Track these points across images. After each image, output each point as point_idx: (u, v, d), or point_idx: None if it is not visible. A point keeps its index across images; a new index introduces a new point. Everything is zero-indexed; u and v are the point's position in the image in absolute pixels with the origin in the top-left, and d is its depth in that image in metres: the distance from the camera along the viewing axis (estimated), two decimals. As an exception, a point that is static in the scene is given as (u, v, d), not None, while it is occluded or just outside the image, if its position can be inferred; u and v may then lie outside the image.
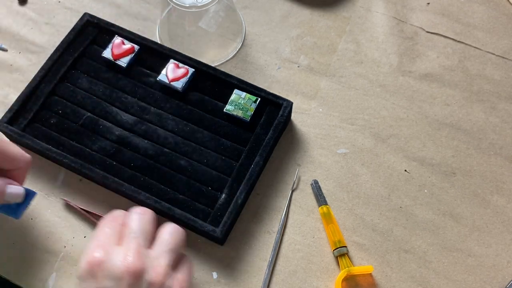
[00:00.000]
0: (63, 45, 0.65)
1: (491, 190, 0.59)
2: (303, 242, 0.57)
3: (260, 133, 0.60)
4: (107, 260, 0.43)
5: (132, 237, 0.44)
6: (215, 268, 0.55)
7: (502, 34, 0.69)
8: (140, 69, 0.64)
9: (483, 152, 0.61)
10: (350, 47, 0.68)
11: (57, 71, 0.64)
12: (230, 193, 0.56)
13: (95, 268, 0.43)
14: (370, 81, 0.66)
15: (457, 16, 0.70)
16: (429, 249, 0.56)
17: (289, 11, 0.71)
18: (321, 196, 0.58)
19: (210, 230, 0.54)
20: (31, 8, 0.72)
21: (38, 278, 0.55)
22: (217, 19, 0.68)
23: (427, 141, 0.62)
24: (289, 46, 0.68)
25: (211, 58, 0.67)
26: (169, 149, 0.59)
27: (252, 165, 0.58)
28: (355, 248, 0.56)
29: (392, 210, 0.58)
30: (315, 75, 0.66)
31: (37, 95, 0.62)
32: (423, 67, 0.67)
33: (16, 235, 0.57)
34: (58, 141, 0.60)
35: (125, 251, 0.43)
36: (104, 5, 0.72)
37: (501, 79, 0.66)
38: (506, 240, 0.56)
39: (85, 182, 0.59)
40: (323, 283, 0.54)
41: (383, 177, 0.60)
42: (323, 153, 0.61)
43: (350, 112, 0.64)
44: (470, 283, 0.54)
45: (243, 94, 0.61)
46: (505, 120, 0.63)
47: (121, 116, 0.61)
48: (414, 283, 0.54)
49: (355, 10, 0.71)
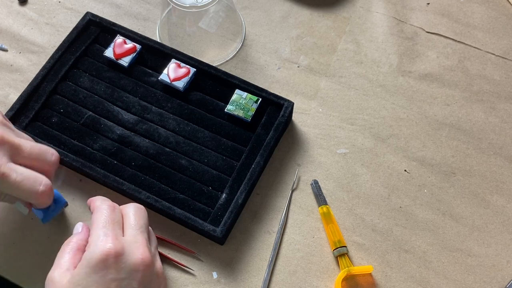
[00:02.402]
0: (64, 44, 0.65)
1: (491, 190, 0.59)
2: (303, 242, 0.57)
3: (261, 133, 0.60)
4: (124, 253, 0.44)
5: (141, 232, 0.47)
6: (215, 268, 0.55)
7: (502, 34, 0.69)
8: (141, 69, 0.64)
9: (483, 152, 0.61)
10: (350, 47, 0.68)
11: (58, 70, 0.64)
12: (230, 193, 0.57)
13: (111, 260, 0.43)
14: (370, 81, 0.66)
15: (457, 16, 0.70)
16: (429, 249, 0.56)
17: (289, 11, 0.71)
18: (321, 196, 0.58)
19: (210, 230, 0.54)
20: (32, 8, 0.72)
21: (38, 278, 0.55)
22: (217, 20, 0.68)
23: (427, 141, 0.62)
24: (289, 46, 0.68)
25: (211, 58, 0.67)
26: (170, 149, 0.60)
27: (252, 165, 0.58)
28: (355, 248, 0.56)
29: (392, 210, 0.58)
30: (315, 75, 0.66)
31: (38, 93, 0.62)
32: (423, 67, 0.67)
33: (16, 235, 0.57)
34: (59, 140, 0.60)
35: (138, 244, 0.46)
36: (104, 5, 0.72)
37: (501, 79, 0.66)
38: (506, 240, 0.56)
39: (85, 182, 0.60)
40: (323, 283, 0.54)
41: (383, 177, 0.60)
42: (323, 153, 0.61)
43: (350, 112, 0.64)
44: (470, 283, 0.54)
45: (244, 94, 0.61)
46: (505, 120, 0.63)
47: (123, 115, 0.61)
48: (414, 283, 0.54)
49: (355, 10, 0.71)
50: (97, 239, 0.45)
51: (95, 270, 0.43)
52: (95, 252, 0.44)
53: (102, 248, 0.43)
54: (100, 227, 0.46)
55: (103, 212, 0.47)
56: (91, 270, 0.43)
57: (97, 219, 0.47)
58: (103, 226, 0.46)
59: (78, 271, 0.44)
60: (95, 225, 0.46)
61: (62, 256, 0.46)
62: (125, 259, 0.44)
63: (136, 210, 0.49)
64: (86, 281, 0.43)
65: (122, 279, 0.44)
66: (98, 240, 0.44)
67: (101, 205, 0.48)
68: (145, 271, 0.45)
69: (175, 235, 0.57)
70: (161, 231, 0.57)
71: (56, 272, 0.45)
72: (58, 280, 0.44)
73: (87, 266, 0.43)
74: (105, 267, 0.43)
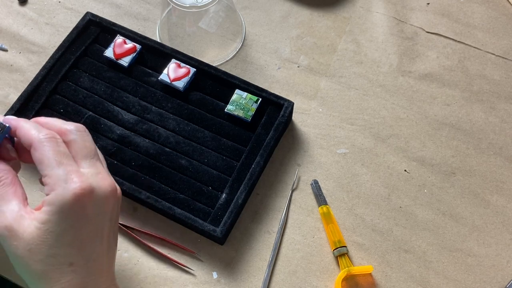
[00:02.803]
0: (65, 44, 0.65)
1: (491, 190, 0.59)
2: (303, 242, 0.57)
3: (261, 133, 0.60)
4: (93, 189, 0.41)
5: (96, 159, 0.44)
6: (215, 268, 0.55)
7: (502, 34, 0.69)
8: (141, 69, 0.64)
9: (483, 152, 0.61)
10: (350, 47, 0.68)
11: (58, 70, 0.64)
12: (230, 193, 0.57)
13: (85, 199, 0.40)
14: (370, 81, 0.66)
15: (457, 16, 0.70)
16: (429, 249, 0.56)
17: (289, 11, 0.71)
18: (321, 196, 0.58)
19: (210, 230, 0.54)
20: (31, 8, 0.72)
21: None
22: (217, 20, 0.68)
23: (427, 141, 0.62)
24: (289, 46, 0.68)
25: (211, 58, 0.67)
26: (170, 149, 0.60)
27: (252, 165, 0.58)
28: (355, 248, 0.56)
29: (392, 210, 0.58)
30: (315, 75, 0.66)
31: (38, 93, 0.62)
32: (423, 67, 0.67)
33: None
34: (59, 140, 0.60)
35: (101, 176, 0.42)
36: (104, 5, 0.72)
37: (501, 79, 0.66)
38: (506, 240, 0.56)
39: (85, 182, 0.60)
40: (323, 283, 0.54)
41: (383, 177, 0.60)
42: (323, 153, 0.61)
43: (350, 112, 0.64)
44: (470, 283, 0.54)
45: (244, 94, 0.61)
46: (504, 120, 0.63)
47: (123, 115, 0.61)
48: (414, 283, 0.54)
49: (355, 10, 0.71)
50: (59, 179, 0.40)
51: (69, 214, 0.40)
52: (65, 196, 0.39)
53: (72, 189, 0.39)
54: (54, 165, 0.40)
55: (47, 147, 0.41)
56: (65, 215, 0.40)
57: (45, 157, 0.41)
58: (57, 164, 0.40)
59: (48, 217, 0.39)
60: (45, 163, 0.40)
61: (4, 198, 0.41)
62: (96, 195, 0.41)
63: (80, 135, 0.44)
64: (60, 227, 0.39)
65: (96, 216, 0.41)
66: (61, 181, 0.40)
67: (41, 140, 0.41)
68: (114, 199, 0.43)
69: (175, 235, 0.57)
70: (161, 231, 0.57)
71: (9, 218, 0.40)
72: (16, 227, 0.39)
73: (59, 212, 0.39)
74: (80, 209, 0.40)
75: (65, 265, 0.40)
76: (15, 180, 0.43)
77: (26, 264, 0.40)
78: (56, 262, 0.40)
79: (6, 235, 0.40)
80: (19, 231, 0.39)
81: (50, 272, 0.40)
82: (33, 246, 0.39)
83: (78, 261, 0.41)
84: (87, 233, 0.41)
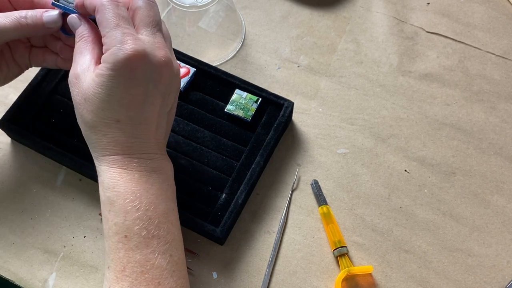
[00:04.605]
0: (63, 45, 0.65)
1: (491, 190, 0.59)
2: (303, 242, 0.57)
3: (261, 133, 0.60)
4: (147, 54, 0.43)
5: (158, 29, 0.45)
6: (215, 268, 0.55)
7: (502, 34, 0.69)
8: (140, 69, 0.64)
9: (483, 152, 0.61)
10: (350, 47, 0.68)
11: (58, 70, 0.63)
12: (230, 193, 0.57)
13: (136, 63, 0.42)
14: (370, 81, 0.66)
15: (457, 16, 0.70)
16: (429, 249, 0.56)
17: (289, 11, 0.71)
18: (321, 196, 0.58)
19: (210, 230, 0.54)
20: (32, 8, 0.71)
21: (38, 278, 0.55)
22: (217, 19, 0.68)
23: (427, 141, 0.62)
24: (289, 46, 0.68)
25: (211, 58, 0.67)
26: (169, 148, 0.59)
27: (252, 165, 0.58)
28: (355, 248, 0.56)
29: (392, 210, 0.58)
30: (315, 75, 0.66)
31: (38, 93, 0.62)
32: (423, 67, 0.67)
33: (16, 235, 0.57)
34: (59, 139, 0.60)
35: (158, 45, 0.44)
36: (104, 4, 0.72)
37: (501, 79, 0.66)
38: (506, 240, 0.56)
39: (85, 182, 0.59)
40: (323, 283, 0.54)
41: (383, 177, 0.60)
42: (323, 153, 0.61)
43: (350, 112, 0.64)
44: (470, 283, 0.54)
45: (244, 94, 0.61)
46: (505, 120, 0.63)
47: (122, 116, 0.61)
48: (414, 283, 0.54)
49: (355, 10, 0.71)
50: (115, 40, 0.42)
51: (119, 73, 0.42)
52: (118, 55, 0.42)
53: (125, 49, 0.42)
54: (112, 26, 0.43)
55: (107, 10, 0.43)
56: (116, 73, 0.42)
57: (104, 18, 0.43)
58: (114, 25, 0.43)
59: (102, 72, 0.42)
60: (104, 24, 0.43)
61: (81, 52, 0.45)
62: (148, 61, 0.43)
63: (147, 4, 0.46)
64: (111, 83, 0.42)
65: (146, 81, 0.43)
66: (116, 42, 0.42)
67: (103, 3, 0.44)
68: (167, 72, 0.44)
69: (175, 235, 0.57)
70: (161, 231, 0.57)
71: (79, 68, 0.44)
72: (82, 77, 0.44)
73: (111, 69, 0.42)
74: (130, 70, 0.42)
75: (113, 120, 0.44)
76: (96, 41, 0.46)
77: (81, 112, 0.45)
78: (105, 116, 0.43)
79: (74, 82, 0.45)
80: (82, 80, 0.44)
81: (99, 125, 0.44)
82: (87, 96, 0.43)
83: (124, 120, 0.44)
84: (135, 95, 0.43)
